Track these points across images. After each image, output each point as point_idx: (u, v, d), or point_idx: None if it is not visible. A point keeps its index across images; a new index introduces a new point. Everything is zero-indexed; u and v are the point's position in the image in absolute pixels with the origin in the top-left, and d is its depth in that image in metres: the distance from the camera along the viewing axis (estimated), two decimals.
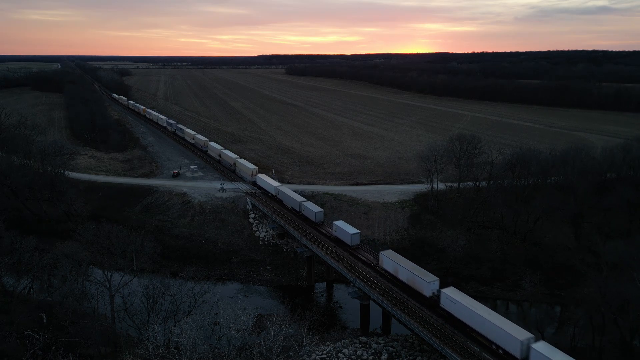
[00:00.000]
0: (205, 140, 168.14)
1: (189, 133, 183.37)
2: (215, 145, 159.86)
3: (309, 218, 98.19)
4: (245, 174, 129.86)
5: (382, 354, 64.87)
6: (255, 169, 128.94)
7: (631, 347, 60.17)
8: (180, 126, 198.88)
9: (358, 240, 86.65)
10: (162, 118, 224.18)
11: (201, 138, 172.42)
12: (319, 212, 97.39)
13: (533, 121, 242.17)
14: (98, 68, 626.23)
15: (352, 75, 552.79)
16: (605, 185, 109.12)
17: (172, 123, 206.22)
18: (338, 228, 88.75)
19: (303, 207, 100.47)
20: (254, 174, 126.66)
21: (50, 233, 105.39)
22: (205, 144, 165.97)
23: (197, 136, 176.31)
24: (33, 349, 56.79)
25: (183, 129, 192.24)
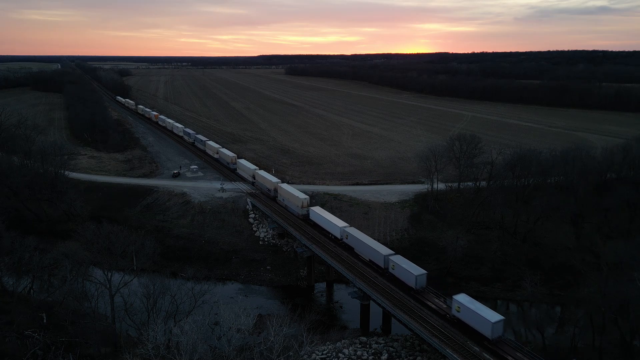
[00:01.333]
0: (232, 157, 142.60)
1: (211, 146, 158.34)
2: (246, 163, 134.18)
3: (404, 282, 71.83)
4: (292, 204, 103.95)
5: (382, 354, 64.86)
6: (306, 199, 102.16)
7: (631, 347, 60.13)
8: (201, 137, 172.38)
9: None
10: (177, 126, 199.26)
11: (228, 153, 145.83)
12: (421, 276, 70.33)
13: (533, 121, 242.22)
14: (98, 68, 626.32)
15: (352, 76, 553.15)
16: (605, 185, 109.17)
17: (190, 133, 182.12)
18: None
19: (392, 263, 74.10)
20: (305, 205, 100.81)
21: (50, 233, 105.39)
22: (234, 160, 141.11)
23: (223, 150, 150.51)
24: (33, 349, 56.77)
25: (204, 140, 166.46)
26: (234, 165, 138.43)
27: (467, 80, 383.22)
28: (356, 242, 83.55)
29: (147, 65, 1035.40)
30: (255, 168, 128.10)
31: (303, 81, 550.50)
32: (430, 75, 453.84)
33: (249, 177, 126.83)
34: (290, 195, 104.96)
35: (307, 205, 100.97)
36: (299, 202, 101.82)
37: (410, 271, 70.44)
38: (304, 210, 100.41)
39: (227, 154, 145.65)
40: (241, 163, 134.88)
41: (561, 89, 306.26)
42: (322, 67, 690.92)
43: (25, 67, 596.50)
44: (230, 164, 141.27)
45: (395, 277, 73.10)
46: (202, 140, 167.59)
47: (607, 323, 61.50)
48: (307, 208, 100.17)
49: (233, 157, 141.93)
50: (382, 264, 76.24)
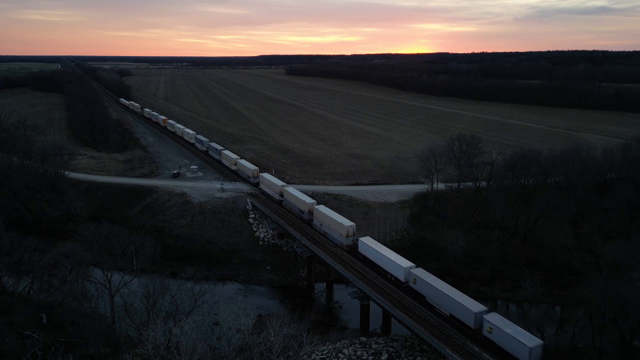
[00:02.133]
0: (254, 170, 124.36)
1: (228, 156, 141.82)
2: (271, 178, 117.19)
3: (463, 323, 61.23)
4: (334, 231, 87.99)
5: (382, 354, 64.85)
6: (352, 226, 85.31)
7: (631, 347, 60.10)
8: (215, 145, 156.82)
9: None
10: (188, 132, 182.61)
11: (248, 166, 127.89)
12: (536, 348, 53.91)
13: (533, 121, 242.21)
14: (98, 68, 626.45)
15: (352, 76, 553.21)
16: (605, 185, 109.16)
17: (203, 140, 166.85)
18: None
19: (489, 325, 57.60)
20: (351, 233, 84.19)
21: (50, 233, 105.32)
22: (255, 174, 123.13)
23: (242, 162, 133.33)
24: (33, 349, 56.81)
25: (219, 149, 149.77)
26: (256, 179, 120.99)
27: (467, 80, 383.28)
28: (430, 290, 66.86)
29: (147, 65, 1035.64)
30: (283, 184, 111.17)
31: (303, 81, 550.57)
32: (430, 76, 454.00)
33: (276, 194, 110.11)
34: (332, 221, 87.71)
35: (353, 233, 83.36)
36: (343, 229, 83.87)
37: (522, 341, 54.09)
38: (349, 239, 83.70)
39: (247, 166, 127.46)
40: (265, 178, 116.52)
41: (561, 89, 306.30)
42: (322, 67, 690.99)
43: (25, 67, 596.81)
44: (251, 177, 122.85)
45: (495, 344, 56.64)
46: (217, 149, 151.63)
47: (607, 323, 61.45)
48: (354, 237, 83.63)
49: (254, 171, 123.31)
50: (473, 324, 59.71)
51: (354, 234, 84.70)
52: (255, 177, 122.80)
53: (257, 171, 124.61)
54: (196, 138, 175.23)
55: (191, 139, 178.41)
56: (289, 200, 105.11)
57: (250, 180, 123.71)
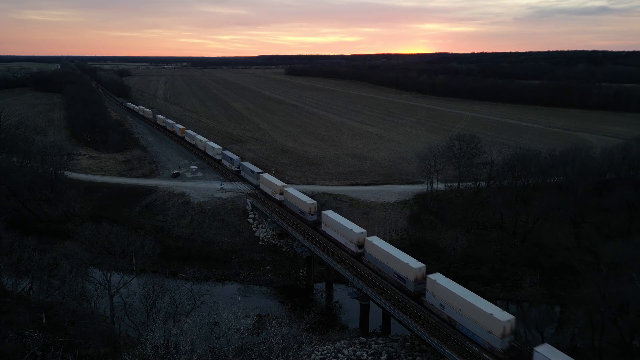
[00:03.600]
0: (311, 205, 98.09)
1: (271, 183, 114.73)
2: (297, 194, 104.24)
3: None
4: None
5: (382, 354, 64.81)
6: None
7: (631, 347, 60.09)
8: (250, 166, 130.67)
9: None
10: (212, 147, 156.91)
11: (304, 199, 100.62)
12: None
13: (533, 121, 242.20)
14: (98, 68, 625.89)
15: (352, 76, 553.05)
16: (605, 186, 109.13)
17: (233, 158, 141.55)
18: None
19: None
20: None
21: (50, 233, 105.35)
22: (313, 209, 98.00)
23: (294, 193, 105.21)
24: (32, 349, 56.76)
25: (256, 172, 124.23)
26: (314, 217, 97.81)
27: (467, 80, 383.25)
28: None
29: (147, 65, 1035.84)
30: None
31: (303, 81, 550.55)
32: (430, 76, 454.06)
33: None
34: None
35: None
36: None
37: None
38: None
39: (302, 198, 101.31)
40: (330, 216, 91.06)
41: (561, 89, 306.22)
42: (322, 68, 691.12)
43: (25, 67, 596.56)
44: (307, 214, 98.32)
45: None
46: (252, 171, 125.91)
47: (607, 323, 61.46)
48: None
49: (312, 205, 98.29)
50: None
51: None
52: (313, 213, 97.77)
53: (315, 206, 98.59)
54: (223, 154, 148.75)
55: (216, 154, 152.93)
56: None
57: (307, 217, 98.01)
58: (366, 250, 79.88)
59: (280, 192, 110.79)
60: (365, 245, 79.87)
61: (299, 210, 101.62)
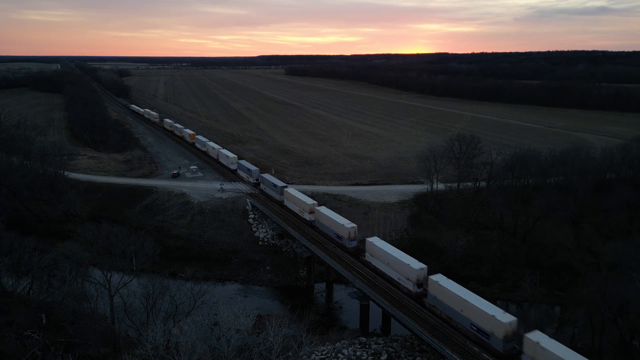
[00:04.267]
0: (351, 228, 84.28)
1: (300, 201, 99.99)
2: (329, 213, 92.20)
3: None
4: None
5: (382, 355, 64.81)
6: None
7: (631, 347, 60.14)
8: (272, 179, 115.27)
9: None
10: (226, 155, 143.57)
11: (342, 222, 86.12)
12: None
13: (533, 121, 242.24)
14: (98, 68, 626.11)
15: (352, 76, 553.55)
16: (605, 186, 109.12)
17: (252, 169, 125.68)
18: None
19: None
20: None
21: (50, 233, 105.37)
22: (353, 234, 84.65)
23: (330, 214, 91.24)
24: (32, 349, 56.79)
25: (280, 186, 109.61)
26: (353, 242, 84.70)
27: (467, 80, 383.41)
28: None
29: (146, 65, 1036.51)
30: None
31: (303, 81, 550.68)
32: (430, 76, 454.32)
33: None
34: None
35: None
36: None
37: None
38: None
39: (339, 221, 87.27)
40: (376, 244, 77.84)
41: (561, 89, 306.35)
42: (321, 68, 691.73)
43: (25, 68, 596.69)
44: (347, 239, 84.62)
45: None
46: (275, 186, 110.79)
47: (607, 323, 61.51)
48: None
49: (352, 229, 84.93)
50: None
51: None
52: (353, 238, 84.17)
53: (356, 230, 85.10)
54: (239, 164, 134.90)
55: (231, 164, 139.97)
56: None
57: (346, 243, 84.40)
58: (430, 292, 64.94)
59: (311, 211, 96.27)
60: (430, 286, 64.94)
61: (334, 234, 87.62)
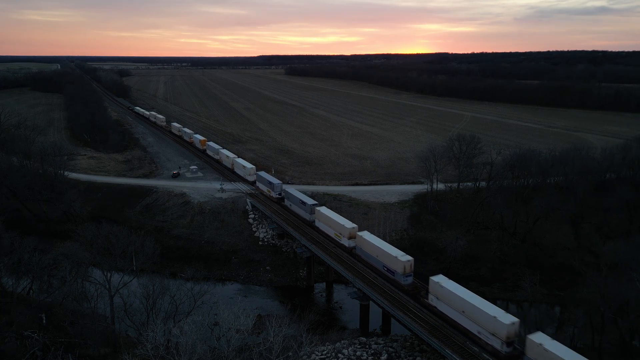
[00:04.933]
0: (408, 262, 71.04)
1: (331, 219, 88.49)
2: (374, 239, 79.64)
3: None
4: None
5: (382, 355, 64.82)
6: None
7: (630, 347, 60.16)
8: (298, 195, 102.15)
9: None
10: (244, 165, 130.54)
11: (396, 256, 72.13)
12: None
13: (533, 121, 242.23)
14: (98, 68, 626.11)
15: (352, 76, 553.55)
16: (604, 186, 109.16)
17: (275, 183, 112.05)
18: None
19: None
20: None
21: (50, 233, 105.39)
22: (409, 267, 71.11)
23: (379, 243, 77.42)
24: (32, 349, 56.76)
25: (310, 204, 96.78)
26: (408, 278, 71.18)
27: (467, 80, 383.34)
28: None
29: (146, 65, 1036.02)
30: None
31: (303, 81, 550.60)
32: (430, 76, 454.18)
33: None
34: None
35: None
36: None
37: None
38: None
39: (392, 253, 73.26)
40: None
41: (561, 89, 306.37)
42: (321, 68, 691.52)
43: (24, 68, 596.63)
44: (400, 274, 71.04)
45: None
46: (305, 204, 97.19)
47: (607, 323, 61.52)
48: None
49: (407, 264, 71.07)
50: None
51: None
52: (409, 273, 70.86)
53: (412, 264, 71.23)
54: (259, 176, 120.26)
55: (248, 175, 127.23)
56: None
57: (399, 279, 70.97)
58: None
59: (351, 236, 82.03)
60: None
61: (384, 266, 73.20)
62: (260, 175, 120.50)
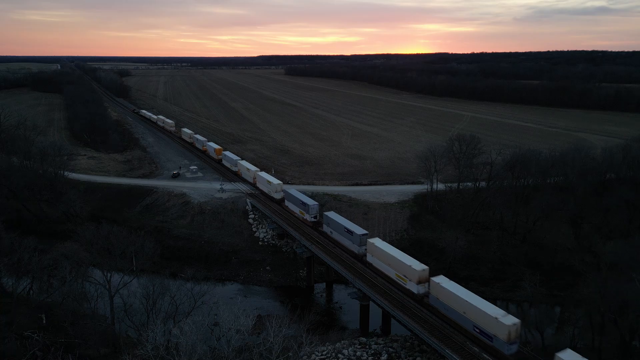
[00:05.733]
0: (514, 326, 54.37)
1: (391, 257, 73.03)
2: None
3: None
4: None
5: (382, 355, 64.84)
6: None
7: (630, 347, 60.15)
8: (345, 223, 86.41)
9: None
10: (269, 180, 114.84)
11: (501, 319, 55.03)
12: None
13: (533, 121, 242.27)
14: (97, 68, 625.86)
15: (352, 76, 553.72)
16: (604, 186, 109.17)
17: (310, 205, 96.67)
18: None
19: None
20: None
21: (50, 234, 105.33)
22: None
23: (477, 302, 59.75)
24: (32, 349, 56.78)
25: (361, 234, 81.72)
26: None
27: (467, 80, 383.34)
28: None
29: (146, 65, 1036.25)
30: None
31: (302, 81, 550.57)
32: (429, 76, 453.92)
33: None
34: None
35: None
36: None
37: None
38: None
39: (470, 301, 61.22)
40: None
41: (561, 89, 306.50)
42: (321, 68, 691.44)
43: (24, 68, 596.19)
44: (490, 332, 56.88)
45: None
46: (353, 232, 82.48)
47: (607, 323, 61.52)
48: None
49: None
50: None
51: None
52: (514, 341, 55.42)
53: (518, 328, 56.18)
54: (288, 194, 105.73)
55: (276, 192, 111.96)
56: None
57: (503, 348, 55.31)
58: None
59: (421, 281, 67.27)
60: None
61: (474, 326, 58.29)
62: (290, 194, 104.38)
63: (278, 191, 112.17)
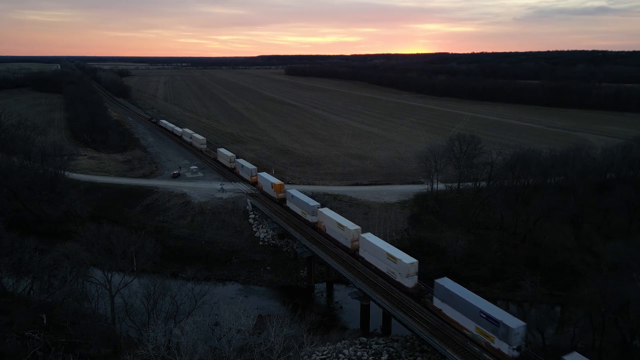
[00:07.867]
0: None
1: None
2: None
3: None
4: None
5: (383, 355, 64.88)
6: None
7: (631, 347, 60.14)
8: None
9: None
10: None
11: None
12: None
13: (533, 121, 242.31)
14: (98, 69, 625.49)
15: (352, 76, 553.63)
16: (605, 186, 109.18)
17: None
18: None
19: None
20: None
21: (50, 234, 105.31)
22: None
23: None
24: (33, 349, 56.75)
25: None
26: None
27: (467, 80, 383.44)
28: None
29: (146, 65, 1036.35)
30: None
31: (303, 81, 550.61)
32: (429, 76, 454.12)
33: None
34: None
35: None
36: None
37: None
38: None
39: None
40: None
41: (561, 89, 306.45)
42: (321, 68, 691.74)
43: (24, 68, 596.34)
44: None
45: None
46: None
47: (607, 323, 61.46)
48: None
49: None
50: None
51: None
52: None
53: None
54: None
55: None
56: None
57: None
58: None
59: None
60: None
61: None
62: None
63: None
